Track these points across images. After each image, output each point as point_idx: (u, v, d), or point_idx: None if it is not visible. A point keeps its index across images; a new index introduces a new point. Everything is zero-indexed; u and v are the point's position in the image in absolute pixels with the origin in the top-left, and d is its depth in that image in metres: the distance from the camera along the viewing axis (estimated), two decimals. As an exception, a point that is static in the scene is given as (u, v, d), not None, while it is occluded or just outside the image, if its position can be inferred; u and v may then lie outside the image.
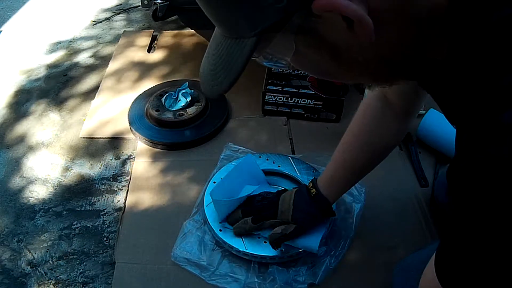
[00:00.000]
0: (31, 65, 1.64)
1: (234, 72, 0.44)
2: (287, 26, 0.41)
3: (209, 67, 0.47)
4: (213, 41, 0.48)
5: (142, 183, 1.15)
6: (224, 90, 0.45)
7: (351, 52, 0.43)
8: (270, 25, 0.41)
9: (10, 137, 1.33)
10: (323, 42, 0.43)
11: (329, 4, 0.38)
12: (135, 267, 0.96)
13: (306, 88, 1.31)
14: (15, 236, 1.05)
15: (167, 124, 1.28)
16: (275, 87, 1.31)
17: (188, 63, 1.58)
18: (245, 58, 0.43)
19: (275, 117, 1.34)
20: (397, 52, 0.44)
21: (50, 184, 1.18)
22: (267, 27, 0.41)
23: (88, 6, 2.03)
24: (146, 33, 1.77)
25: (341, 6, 0.38)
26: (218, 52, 0.46)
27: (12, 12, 1.99)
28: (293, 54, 0.45)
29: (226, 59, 0.45)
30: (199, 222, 1.02)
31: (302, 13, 0.40)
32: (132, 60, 1.61)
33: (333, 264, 0.95)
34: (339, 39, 0.42)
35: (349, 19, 0.39)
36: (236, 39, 0.44)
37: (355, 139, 0.87)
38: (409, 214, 1.07)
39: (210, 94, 0.47)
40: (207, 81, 0.47)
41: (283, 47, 0.44)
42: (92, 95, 1.46)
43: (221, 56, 0.45)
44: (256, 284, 0.91)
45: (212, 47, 0.48)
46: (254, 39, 0.42)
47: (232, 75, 0.44)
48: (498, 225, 0.39)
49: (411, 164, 1.19)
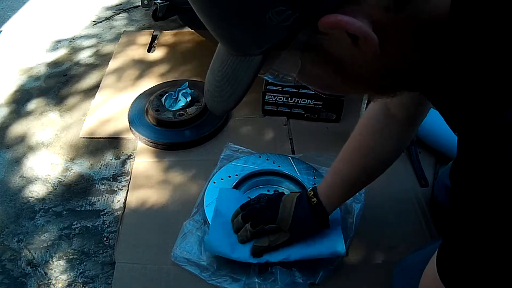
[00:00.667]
0: (31, 65, 1.64)
1: (240, 89, 0.44)
2: (293, 43, 0.41)
3: (214, 84, 0.47)
4: (217, 57, 0.48)
5: (142, 183, 1.15)
6: (230, 108, 0.46)
7: (355, 66, 0.44)
8: (276, 43, 0.41)
9: (10, 137, 1.33)
10: (328, 58, 0.43)
11: (335, 22, 0.38)
12: (135, 267, 0.96)
13: (306, 88, 1.29)
14: (15, 236, 1.05)
15: (167, 124, 1.28)
16: (275, 87, 1.31)
17: (188, 63, 1.58)
18: (251, 75, 0.43)
19: (275, 117, 1.34)
20: (400, 63, 0.45)
21: (50, 184, 1.18)
22: (273, 45, 0.41)
23: (88, 6, 2.03)
24: (146, 33, 1.77)
25: (346, 23, 0.38)
26: (224, 69, 0.46)
27: (12, 12, 1.99)
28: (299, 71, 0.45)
29: (232, 76, 0.45)
30: (199, 222, 1.02)
31: (307, 30, 0.40)
32: (132, 60, 1.61)
33: (334, 264, 0.94)
34: (345, 54, 0.43)
35: (354, 35, 0.39)
36: (242, 57, 0.44)
37: (354, 153, 0.86)
38: (409, 214, 1.07)
39: (216, 111, 0.47)
40: (213, 97, 0.48)
41: (289, 64, 0.44)
42: (92, 95, 1.46)
43: (226, 73, 0.46)
44: (256, 285, 0.91)
45: (216, 63, 0.48)
46: (260, 57, 0.42)
47: (238, 93, 0.44)
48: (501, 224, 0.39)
49: (411, 164, 1.19)
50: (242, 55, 0.44)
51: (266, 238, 0.90)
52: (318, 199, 0.87)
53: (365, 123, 0.85)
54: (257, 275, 0.92)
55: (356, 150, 0.85)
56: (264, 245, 0.90)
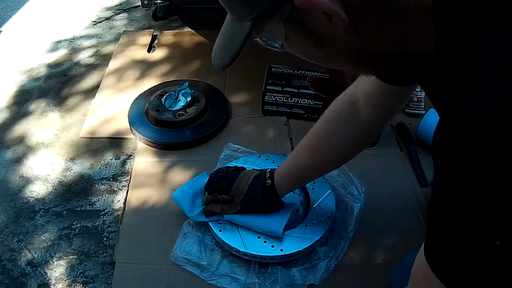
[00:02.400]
0: (31, 65, 1.64)
1: (235, 49, 0.52)
2: (277, 14, 0.48)
3: (218, 45, 0.55)
4: (224, 23, 0.56)
5: (142, 183, 1.15)
6: (226, 64, 0.53)
7: (331, 42, 0.49)
8: (263, 12, 0.48)
9: (10, 137, 1.33)
10: (307, 31, 0.50)
11: (306, 1, 0.44)
12: (135, 267, 0.96)
13: (306, 88, 1.31)
14: (15, 236, 1.05)
15: (167, 124, 1.28)
16: (275, 87, 1.31)
17: (188, 63, 1.58)
18: (243, 38, 0.51)
19: (275, 117, 1.34)
20: (380, 45, 0.50)
21: (50, 184, 1.18)
22: (261, 14, 0.48)
23: (88, 6, 2.03)
24: (146, 33, 1.77)
25: (317, 2, 0.44)
26: (226, 32, 0.54)
27: (12, 12, 1.99)
28: (284, 39, 0.52)
29: (231, 38, 0.53)
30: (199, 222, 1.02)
31: (289, 4, 0.46)
32: (132, 60, 1.61)
33: (333, 264, 0.95)
34: (321, 30, 0.48)
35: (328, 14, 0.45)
36: (238, 22, 0.52)
37: (312, 142, 0.90)
38: (409, 214, 1.07)
39: (217, 67, 0.55)
40: (216, 56, 0.55)
41: (275, 32, 0.51)
42: (92, 95, 1.46)
43: (227, 35, 0.54)
44: (256, 285, 0.91)
45: (223, 29, 0.56)
46: (250, 23, 0.50)
47: (233, 52, 0.52)
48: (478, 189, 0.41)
49: (411, 164, 1.19)
50: (238, 20, 0.52)
51: (220, 205, 0.98)
52: (272, 182, 0.94)
53: (329, 115, 0.88)
54: (257, 275, 0.92)
55: (314, 140, 0.90)
56: (216, 211, 0.98)
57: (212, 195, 0.98)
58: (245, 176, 0.98)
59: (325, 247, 0.98)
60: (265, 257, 0.93)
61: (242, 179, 0.97)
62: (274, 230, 0.95)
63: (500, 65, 0.39)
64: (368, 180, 1.12)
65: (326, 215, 1.00)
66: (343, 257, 0.96)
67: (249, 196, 0.95)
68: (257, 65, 1.42)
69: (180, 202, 1.03)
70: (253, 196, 0.95)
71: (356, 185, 1.10)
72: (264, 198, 0.94)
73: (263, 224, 0.96)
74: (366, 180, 1.11)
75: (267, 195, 0.94)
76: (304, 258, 0.96)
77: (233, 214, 0.98)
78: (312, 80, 1.33)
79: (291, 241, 0.95)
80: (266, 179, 0.95)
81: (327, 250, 0.97)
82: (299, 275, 0.93)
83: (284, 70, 1.37)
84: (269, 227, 0.95)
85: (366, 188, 1.09)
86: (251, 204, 0.96)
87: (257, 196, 0.95)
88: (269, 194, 0.94)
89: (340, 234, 1.00)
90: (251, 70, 1.48)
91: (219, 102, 1.37)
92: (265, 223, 0.96)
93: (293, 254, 0.93)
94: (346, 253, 0.97)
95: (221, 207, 0.98)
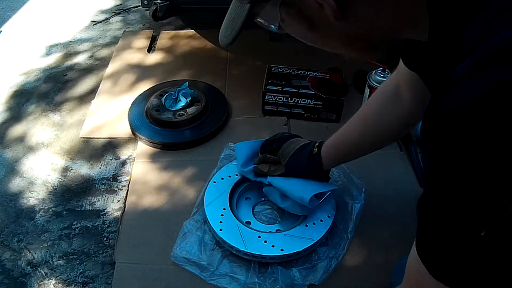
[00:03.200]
0: (31, 66, 1.64)
1: (237, 28, 0.57)
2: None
3: (224, 23, 0.60)
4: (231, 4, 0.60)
5: (142, 183, 1.15)
6: (229, 42, 0.59)
7: (324, 26, 0.52)
8: None
9: (10, 137, 1.33)
10: (301, 15, 0.53)
11: None
12: (135, 267, 0.96)
13: (306, 88, 1.31)
14: (15, 236, 1.05)
15: (167, 124, 1.28)
16: (275, 87, 1.31)
17: (188, 63, 1.58)
18: (243, 18, 0.55)
19: (275, 117, 1.34)
20: (371, 30, 0.52)
21: (50, 184, 1.18)
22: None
23: (88, 7, 2.03)
24: (146, 33, 1.77)
25: None
26: (231, 12, 0.59)
27: (12, 12, 1.99)
28: (281, 21, 0.55)
29: (234, 18, 0.58)
30: (199, 222, 1.02)
31: None
32: (132, 60, 1.61)
33: (333, 264, 0.95)
34: (314, 15, 0.52)
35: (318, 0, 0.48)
36: (240, 3, 0.56)
37: (359, 120, 0.93)
38: (409, 214, 1.07)
39: (222, 44, 0.60)
40: (222, 33, 0.60)
41: (271, 14, 0.55)
42: (92, 95, 1.46)
43: (231, 15, 0.59)
44: (256, 284, 0.91)
45: (229, 9, 0.60)
46: (249, 5, 0.55)
47: (235, 30, 0.57)
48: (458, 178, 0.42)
49: (411, 164, 1.19)
50: (240, 2, 0.56)
51: (268, 166, 1.02)
52: (319, 151, 0.96)
53: (375, 97, 0.92)
54: (257, 275, 0.92)
55: (361, 118, 0.93)
56: (264, 171, 1.03)
57: (262, 154, 1.04)
58: (295, 142, 1.01)
59: (325, 247, 0.98)
60: (265, 256, 0.93)
61: (291, 143, 1.01)
62: (302, 196, 0.95)
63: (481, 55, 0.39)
64: (368, 180, 1.12)
65: (326, 215, 1.00)
66: (343, 257, 0.96)
67: (294, 160, 0.98)
68: (257, 65, 1.42)
69: (238, 154, 1.08)
70: (298, 160, 0.98)
71: (356, 185, 1.10)
72: (309, 165, 0.96)
73: (296, 189, 0.97)
74: (366, 180, 1.11)
75: (312, 163, 0.96)
76: (304, 258, 0.96)
77: (277, 176, 1.00)
78: (312, 80, 1.33)
79: (291, 241, 0.95)
80: (313, 147, 0.97)
81: (327, 250, 0.97)
82: (299, 275, 0.93)
83: (284, 70, 1.37)
84: (299, 193, 0.96)
85: (366, 188, 1.09)
86: (295, 168, 0.98)
87: (302, 161, 0.97)
88: (314, 161, 0.96)
89: (340, 234, 1.00)
90: (251, 70, 1.48)
91: (219, 102, 1.37)
92: (299, 188, 0.97)
93: (293, 254, 0.93)
94: (346, 253, 0.97)
95: (268, 167, 1.02)
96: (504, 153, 0.38)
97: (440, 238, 0.47)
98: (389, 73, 1.22)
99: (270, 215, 1.06)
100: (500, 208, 0.40)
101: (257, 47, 1.60)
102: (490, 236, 0.42)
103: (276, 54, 1.55)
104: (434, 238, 0.48)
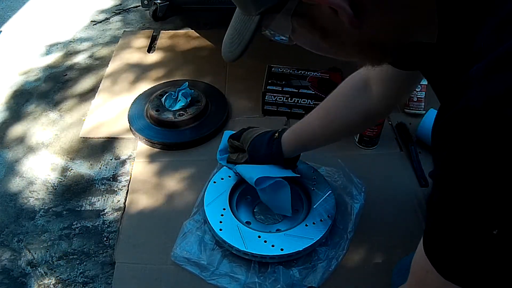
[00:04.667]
0: (30, 65, 1.64)
1: (244, 42, 0.54)
2: (285, 9, 0.50)
3: (228, 37, 0.58)
4: (234, 16, 0.58)
5: (142, 183, 1.15)
6: (236, 57, 0.56)
7: (338, 34, 0.51)
8: (271, 7, 0.50)
9: (10, 137, 1.33)
10: (314, 24, 0.51)
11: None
12: (135, 267, 0.96)
13: (306, 88, 1.31)
14: (15, 236, 1.05)
15: (167, 124, 1.28)
16: (275, 87, 1.31)
17: (188, 63, 1.58)
18: (252, 31, 0.53)
19: (275, 117, 1.34)
20: (385, 36, 0.51)
21: (50, 184, 1.18)
22: (269, 8, 0.51)
23: (88, 7, 2.03)
24: (146, 33, 1.77)
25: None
26: (235, 25, 0.57)
27: (12, 12, 1.99)
28: (291, 32, 0.54)
29: (240, 31, 0.55)
30: (199, 222, 1.02)
31: None
32: (131, 60, 1.60)
33: (333, 264, 0.95)
34: (328, 23, 0.50)
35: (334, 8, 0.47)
36: (247, 16, 0.54)
37: (323, 110, 0.94)
38: (409, 214, 1.07)
39: (227, 59, 0.58)
40: (225, 48, 0.58)
41: (282, 25, 0.53)
42: (92, 95, 1.46)
43: (237, 28, 0.56)
44: (256, 284, 0.91)
45: (232, 22, 0.58)
46: (258, 17, 0.52)
47: (243, 45, 0.55)
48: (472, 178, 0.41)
49: (411, 164, 1.19)
50: (247, 14, 0.54)
51: (237, 154, 1.09)
52: (279, 137, 0.99)
53: (343, 87, 0.91)
54: (257, 275, 0.92)
55: (325, 107, 0.93)
56: (233, 158, 1.10)
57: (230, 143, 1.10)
58: (258, 129, 1.06)
59: (325, 247, 0.98)
60: (265, 256, 0.93)
61: (253, 130, 1.06)
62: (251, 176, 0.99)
63: (497, 57, 0.39)
64: (368, 180, 1.12)
65: (326, 215, 1.00)
66: (343, 257, 0.96)
67: (255, 144, 1.02)
68: (257, 65, 1.42)
69: (222, 141, 1.17)
70: (258, 145, 1.01)
71: (356, 185, 1.10)
72: (268, 148, 0.99)
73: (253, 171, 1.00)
74: (366, 180, 1.11)
75: (272, 146, 0.99)
76: (304, 258, 0.96)
77: (243, 163, 1.05)
78: (312, 80, 1.33)
79: (291, 241, 0.95)
80: (274, 133, 1.00)
81: (327, 250, 0.97)
82: (299, 275, 0.93)
83: (284, 70, 1.37)
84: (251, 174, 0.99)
85: (366, 188, 1.09)
86: (255, 153, 1.02)
87: (262, 145, 1.00)
88: (274, 146, 0.98)
89: (340, 234, 1.00)
90: (251, 70, 1.48)
91: (219, 102, 1.37)
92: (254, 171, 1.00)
93: (293, 254, 0.93)
94: (346, 253, 0.97)
95: (237, 155, 1.08)
96: None
97: (450, 237, 0.47)
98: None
99: (270, 215, 1.06)
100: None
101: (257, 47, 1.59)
102: (502, 235, 0.42)
103: (276, 54, 1.55)
104: (443, 236, 0.48)
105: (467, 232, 0.45)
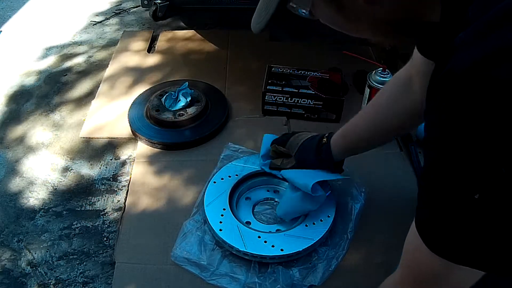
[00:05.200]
0: (31, 66, 1.64)
1: (269, 14, 0.59)
2: None
3: (256, 12, 0.63)
4: None
5: (142, 183, 1.15)
6: (261, 27, 0.61)
7: (353, 9, 0.54)
8: None
9: (10, 137, 1.33)
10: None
11: None
12: (135, 267, 0.96)
13: (306, 88, 1.31)
14: (15, 236, 1.05)
15: (167, 124, 1.28)
16: (275, 87, 1.31)
17: (188, 63, 1.58)
18: (276, 4, 0.58)
19: (275, 117, 1.34)
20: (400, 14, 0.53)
21: (50, 184, 1.18)
22: None
23: (87, 7, 2.03)
24: (146, 34, 1.77)
25: None
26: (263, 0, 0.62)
27: (12, 12, 1.99)
28: (311, 6, 0.58)
29: (267, 5, 0.60)
30: (199, 222, 1.02)
31: None
32: (131, 61, 1.60)
33: (333, 264, 0.95)
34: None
35: None
36: None
37: (371, 110, 0.93)
38: (409, 214, 1.06)
39: (254, 30, 0.63)
40: (254, 21, 0.63)
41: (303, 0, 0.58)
42: (92, 95, 1.46)
43: (265, 3, 0.61)
44: (256, 284, 0.91)
45: None
46: None
47: (267, 16, 0.59)
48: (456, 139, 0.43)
49: (411, 164, 1.19)
50: None
51: (281, 160, 1.06)
52: (328, 141, 0.97)
53: (387, 86, 0.93)
54: (257, 275, 0.92)
55: (373, 107, 0.93)
56: (277, 164, 1.06)
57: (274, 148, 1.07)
58: (304, 134, 1.04)
59: (325, 247, 0.98)
60: (265, 256, 0.93)
61: (300, 135, 1.04)
62: (305, 183, 0.95)
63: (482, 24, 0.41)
64: (368, 180, 1.12)
65: (326, 215, 1.00)
66: (343, 257, 0.96)
67: (303, 149, 1.00)
68: (257, 65, 1.42)
69: (263, 146, 1.12)
70: (307, 150, 1.00)
71: (356, 185, 1.10)
72: (317, 153, 0.98)
73: (304, 176, 0.97)
74: (366, 180, 1.11)
75: (321, 151, 0.97)
76: (304, 258, 0.96)
77: (289, 168, 1.02)
78: (312, 80, 1.33)
79: (291, 241, 0.95)
80: (323, 137, 0.99)
81: (327, 250, 0.97)
82: (299, 275, 0.93)
83: (284, 70, 1.37)
84: (304, 180, 0.96)
85: (366, 188, 1.09)
86: (304, 158, 1.00)
87: (311, 150, 0.99)
88: (323, 150, 0.97)
89: (340, 234, 1.00)
90: (251, 70, 1.48)
91: (219, 102, 1.37)
92: (306, 176, 0.97)
93: (293, 254, 0.93)
94: (346, 253, 0.97)
95: (281, 161, 1.05)
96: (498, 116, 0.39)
97: (436, 205, 0.48)
98: (389, 73, 1.22)
99: (270, 215, 1.06)
100: (492, 170, 0.41)
101: (257, 47, 1.60)
102: (483, 200, 0.43)
103: (276, 54, 1.55)
104: (430, 207, 0.50)
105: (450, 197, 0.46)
